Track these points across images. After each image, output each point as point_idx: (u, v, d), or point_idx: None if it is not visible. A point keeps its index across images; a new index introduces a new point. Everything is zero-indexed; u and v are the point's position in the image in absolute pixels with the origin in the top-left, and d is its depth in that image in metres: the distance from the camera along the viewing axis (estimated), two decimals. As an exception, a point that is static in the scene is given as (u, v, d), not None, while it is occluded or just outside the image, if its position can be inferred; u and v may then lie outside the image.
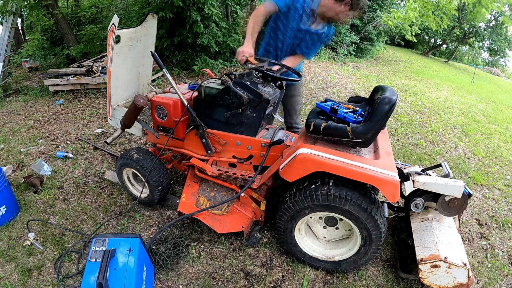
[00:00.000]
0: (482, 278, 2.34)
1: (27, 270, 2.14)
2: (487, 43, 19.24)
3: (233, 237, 2.47)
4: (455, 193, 1.98)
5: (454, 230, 2.20)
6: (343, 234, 2.22)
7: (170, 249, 2.27)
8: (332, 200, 1.87)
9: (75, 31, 6.97)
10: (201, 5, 5.97)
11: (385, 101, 1.79)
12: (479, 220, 3.02)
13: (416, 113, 6.11)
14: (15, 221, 2.58)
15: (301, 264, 2.27)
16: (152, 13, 2.55)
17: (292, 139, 2.32)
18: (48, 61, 7.28)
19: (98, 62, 5.99)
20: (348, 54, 11.27)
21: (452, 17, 8.53)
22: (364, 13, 11.14)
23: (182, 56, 6.68)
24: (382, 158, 1.89)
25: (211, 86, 2.21)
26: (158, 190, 2.53)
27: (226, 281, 2.14)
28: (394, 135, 4.83)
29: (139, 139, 4.02)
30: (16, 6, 5.89)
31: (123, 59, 2.47)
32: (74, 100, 5.34)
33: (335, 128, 1.89)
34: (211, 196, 2.43)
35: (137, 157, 2.49)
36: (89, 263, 1.68)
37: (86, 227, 2.57)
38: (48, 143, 3.91)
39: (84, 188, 3.04)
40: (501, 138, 5.42)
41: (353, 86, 7.52)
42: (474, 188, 3.58)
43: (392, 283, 2.20)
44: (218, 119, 2.27)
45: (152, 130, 2.55)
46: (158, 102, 2.32)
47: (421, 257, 1.98)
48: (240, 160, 2.37)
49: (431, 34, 19.43)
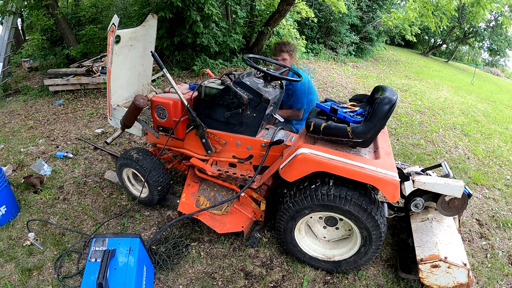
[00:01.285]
0: (482, 278, 2.34)
1: (27, 270, 2.14)
2: (487, 43, 19.24)
3: (233, 237, 2.47)
4: (455, 193, 1.98)
5: (454, 230, 2.19)
6: (343, 234, 2.22)
7: (170, 249, 2.27)
8: (332, 200, 1.87)
9: (75, 31, 6.98)
10: (201, 5, 5.97)
11: (385, 101, 1.79)
12: (479, 220, 3.02)
13: (416, 113, 6.11)
14: (15, 221, 2.58)
15: (301, 264, 2.27)
16: (152, 13, 2.55)
17: (292, 139, 2.32)
18: (48, 61, 7.29)
19: (98, 62, 5.99)
20: (348, 54, 11.27)
21: (451, 17, 8.54)
22: (364, 13, 11.16)
23: (182, 56, 6.68)
24: (382, 158, 1.89)
25: (211, 86, 2.21)
26: (158, 190, 2.53)
27: (226, 281, 2.14)
28: (394, 135, 4.83)
29: (139, 139, 4.02)
30: (16, 6, 5.89)
31: (123, 59, 2.47)
32: (74, 100, 5.34)
33: (335, 128, 1.89)
34: (211, 196, 2.43)
35: (136, 157, 2.49)
36: (89, 263, 1.68)
37: (86, 227, 2.56)
38: (48, 143, 3.91)
39: (84, 188, 3.04)
40: (501, 138, 5.42)
41: (353, 86, 7.52)
42: (474, 188, 3.58)
43: (392, 283, 2.20)
44: (218, 119, 2.27)
45: (152, 130, 2.55)
46: (158, 102, 2.32)
47: (421, 257, 1.97)
48: (240, 160, 2.37)
49: (431, 34, 19.43)
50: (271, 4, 7.86)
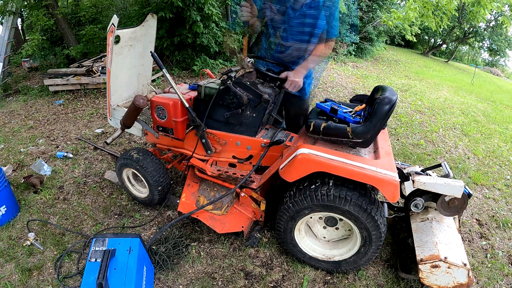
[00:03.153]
0: (482, 278, 2.34)
1: (27, 270, 2.14)
2: (487, 43, 19.24)
3: (233, 237, 2.47)
4: (455, 193, 1.98)
5: (454, 230, 2.19)
6: (343, 234, 2.22)
7: (170, 249, 2.27)
8: (332, 200, 1.87)
9: (75, 31, 6.97)
10: (201, 5, 5.97)
11: (385, 101, 1.79)
12: (479, 220, 3.02)
13: (416, 113, 6.10)
14: (15, 221, 2.58)
15: (301, 264, 2.27)
16: (152, 13, 2.55)
17: (292, 139, 2.32)
18: (48, 61, 7.28)
19: (98, 62, 5.98)
20: (348, 54, 11.26)
21: (452, 17, 8.53)
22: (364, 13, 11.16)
23: (182, 56, 6.68)
24: (382, 158, 1.89)
25: (211, 86, 2.21)
26: (158, 190, 2.53)
27: (226, 281, 2.14)
28: (394, 135, 4.83)
29: (139, 139, 4.02)
30: (16, 6, 5.88)
31: (123, 59, 2.47)
32: (74, 100, 5.34)
33: (335, 128, 1.89)
34: (211, 196, 2.43)
35: (137, 157, 2.49)
36: (89, 263, 1.68)
37: (86, 227, 2.56)
38: (48, 143, 3.91)
39: (84, 188, 3.04)
40: (501, 138, 5.42)
41: (353, 86, 7.52)
42: (474, 188, 3.58)
43: (392, 283, 2.20)
44: (218, 119, 2.27)
45: (152, 130, 2.55)
46: (158, 102, 2.32)
47: (421, 257, 1.97)
48: (240, 160, 2.37)
49: (431, 34, 19.42)
50: (271, 4, 7.86)
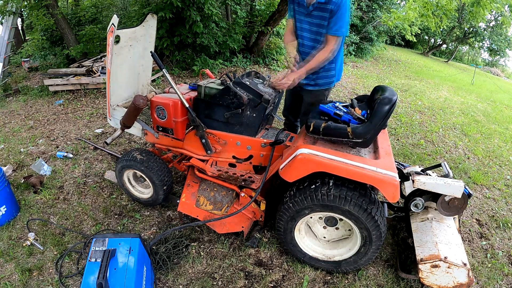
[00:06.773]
0: (482, 278, 2.34)
1: (27, 270, 2.14)
2: (487, 43, 19.22)
3: (233, 237, 2.47)
4: (455, 193, 1.98)
5: (454, 230, 2.19)
6: (343, 234, 2.22)
7: (170, 249, 2.27)
8: (332, 200, 1.87)
9: (75, 31, 6.97)
10: (201, 5, 5.97)
11: (385, 101, 1.79)
12: (479, 220, 3.02)
13: (416, 113, 6.10)
14: (15, 221, 2.58)
15: (301, 264, 2.27)
16: (152, 13, 2.55)
17: (292, 139, 2.32)
18: (48, 61, 7.29)
19: (98, 62, 5.98)
20: (348, 54, 11.25)
21: (452, 17, 8.54)
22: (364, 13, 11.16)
23: (182, 56, 6.68)
24: (382, 158, 1.89)
25: (211, 86, 2.21)
26: (163, 189, 2.53)
27: (226, 281, 2.14)
28: (394, 135, 4.83)
29: (139, 139, 4.02)
30: (16, 6, 5.89)
31: (123, 59, 2.47)
32: (74, 100, 5.34)
33: (335, 128, 1.89)
34: (211, 196, 2.43)
35: (141, 158, 2.48)
36: (89, 263, 1.68)
37: (86, 227, 2.57)
38: (48, 143, 3.91)
39: (84, 188, 3.04)
40: (501, 138, 5.42)
41: (353, 86, 7.52)
42: (474, 188, 3.58)
43: (392, 283, 2.20)
44: (218, 119, 2.27)
45: (152, 130, 2.55)
46: (157, 102, 2.32)
47: (421, 257, 1.98)
48: (239, 160, 2.37)
49: (431, 34, 19.41)
50: (271, 4, 7.85)
